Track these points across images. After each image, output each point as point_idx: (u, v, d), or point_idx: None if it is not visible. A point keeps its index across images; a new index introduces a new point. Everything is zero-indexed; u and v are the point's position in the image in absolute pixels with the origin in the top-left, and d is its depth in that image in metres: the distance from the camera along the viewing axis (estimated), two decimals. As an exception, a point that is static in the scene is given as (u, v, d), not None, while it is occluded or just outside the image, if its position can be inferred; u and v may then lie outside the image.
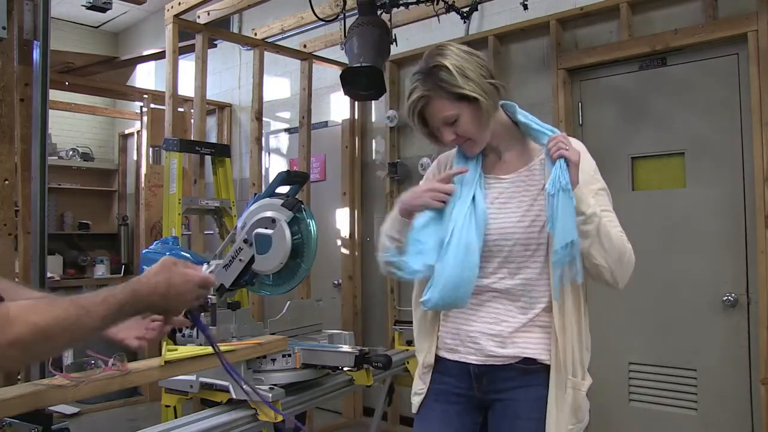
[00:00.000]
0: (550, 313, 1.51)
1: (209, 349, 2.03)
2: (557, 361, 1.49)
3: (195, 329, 2.38)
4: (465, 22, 3.78)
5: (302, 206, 2.38)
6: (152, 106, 5.34)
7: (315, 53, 4.45)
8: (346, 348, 2.52)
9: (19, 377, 2.26)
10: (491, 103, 1.48)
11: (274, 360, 2.30)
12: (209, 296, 2.37)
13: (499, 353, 1.52)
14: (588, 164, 1.56)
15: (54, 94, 4.54)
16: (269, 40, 4.30)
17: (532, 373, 1.50)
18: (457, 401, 1.59)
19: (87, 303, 0.96)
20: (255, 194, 2.56)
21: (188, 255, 2.59)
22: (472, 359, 1.56)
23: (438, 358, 1.64)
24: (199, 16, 3.84)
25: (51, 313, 0.92)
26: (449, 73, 1.44)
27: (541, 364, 1.50)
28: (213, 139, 5.50)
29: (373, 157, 4.48)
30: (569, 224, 1.39)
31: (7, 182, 2.00)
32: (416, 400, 1.67)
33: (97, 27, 6.94)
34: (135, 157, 6.18)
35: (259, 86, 4.08)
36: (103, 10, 4.08)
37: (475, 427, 1.58)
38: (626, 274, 1.56)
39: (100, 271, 5.88)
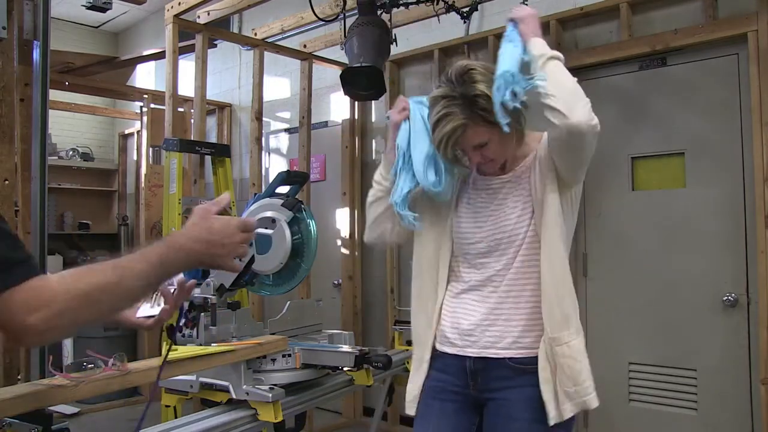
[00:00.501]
0: (538, 298, 1.53)
1: (209, 349, 2.04)
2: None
3: (195, 329, 2.38)
4: (465, 22, 3.78)
5: (302, 206, 2.38)
6: (152, 106, 5.34)
7: (315, 53, 4.45)
8: (346, 348, 2.52)
9: (19, 377, 2.26)
10: (519, 127, 1.54)
11: (274, 360, 2.30)
12: (209, 296, 2.37)
13: (493, 344, 1.55)
14: None
15: (54, 94, 4.54)
16: (269, 40, 4.30)
17: (526, 374, 1.51)
18: (454, 399, 1.61)
19: (126, 263, 0.95)
20: (255, 194, 2.56)
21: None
22: (470, 352, 1.57)
23: (436, 354, 1.65)
24: (199, 16, 3.84)
25: (92, 278, 0.92)
26: (488, 100, 1.46)
27: (535, 358, 1.51)
28: (213, 139, 5.50)
29: (373, 157, 4.48)
30: (509, 61, 1.47)
31: (7, 182, 2.00)
32: (411, 398, 1.69)
33: (97, 27, 6.94)
34: (135, 157, 6.18)
35: (259, 86, 4.08)
36: (103, 10, 4.09)
37: (472, 427, 1.59)
38: (581, 109, 1.56)
39: (100, 271, 5.87)
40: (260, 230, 2.33)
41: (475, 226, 1.63)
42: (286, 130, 5.09)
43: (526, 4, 3.17)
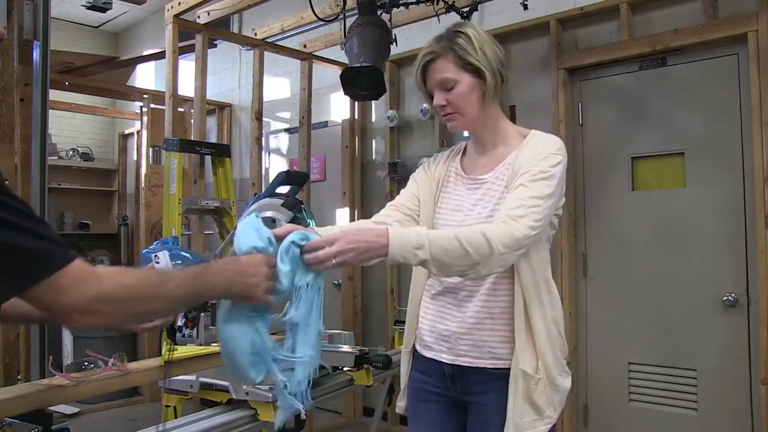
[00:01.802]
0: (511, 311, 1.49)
1: (209, 349, 2.04)
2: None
3: (195, 329, 2.38)
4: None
5: (302, 206, 2.38)
6: (152, 106, 5.34)
7: (315, 53, 4.45)
8: (346, 348, 2.52)
9: (19, 377, 2.26)
10: (493, 85, 1.49)
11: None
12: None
13: (468, 353, 1.52)
14: (535, 150, 1.49)
15: (54, 94, 4.53)
16: (269, 40, 4.30)
17: (503, 378, 1.48)
18: (438, 400, 1.60)
19: (167, 270, 1.03)
20: (255, 194, 2.56)
21: (188, 255, 2.59)
22: (445, 358, 1.56)
23: (416, 355, 1.66)
24: (199, 16, 3.84)
25: (136, 275, 0.97)
26: (468, 40, 1.47)
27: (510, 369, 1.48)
28: (213, 139, 5.50)
29: (373, 157, 4.48)
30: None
31: (7, 182, 2.00)
32: (401, 403, 1.70)
33: (97, 27, 6.94)
34: (135, 157, 6.18)
35: (259, 86, 4.08)
36: (103, 10, 4.08)
37: (462, 425, 1.58)
38: (495, 263, 1.36)
39: (100, 271, 5.87)
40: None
41: (446, 221, 1.60)
42: (286, 130, 5.09)
43: (527, 5, 3.20)
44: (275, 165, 5.14)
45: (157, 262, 1.21)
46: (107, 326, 0.95)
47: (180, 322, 2.44)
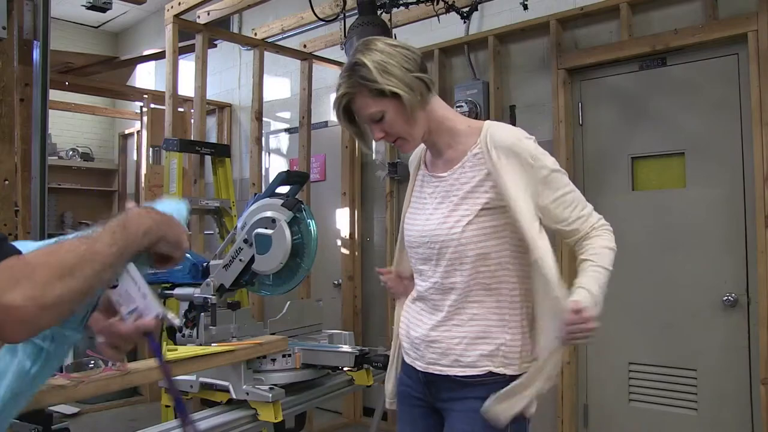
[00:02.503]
0: (479, 316, 1.47)
1: (209, 349, 2.04)
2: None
3: (195, 329, 2.38)
4: (465, 22, 3.78)
5: (302, 206, 2.38)
6: (152, 106, 5.34)
7: (315, 53, 4.45)
8: (346, 348, 2.52)
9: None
10: (416, 98, 1.43)
11: (274, 360, 2.30)
12: (209, 296, 2.37)
13: (437, 361, 1.50)
14: (526, 152, 1.44)
15: (54, 94, 4.53)
16: (269, 40, 4.30)
17: (469, 386, 1.46)
18: (419, 404, 1.60)
19: (89, 233, 0.90)
20: (255, 194, 2.56)
21: (188, 255, 2.59)
22: (419, 365, 1.55)
23: (401, 358, 1.67)
24: (199, 16, 3.84)
25: (63, 248, 0.86)
26: (368, 70, 1.41)
27: (478, 376, 1.45)
28: (213, 139, 5.50)
29: (373, 157, 4.48)
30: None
31: (7, 182, 2.00)
32: (387, 394, 1.73)
33: (97, 27, 6.94)
34: (135, 157, 6.18)
35: (259, 86, 4.08)
36: (103, 10, 4.07)
37: (441, 428, 1.57)
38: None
39: (100, 271, 5.87)
40: (260, 230, 2.34)
41: (414, 229, 1.56)
42: (286, 130, 5.09)
43: (527, 5, 3.20)
44: (275, 165, 5.14)
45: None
46: (57, 319, 0.86)
47: (180, 323, 2.44)
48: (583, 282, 1.44)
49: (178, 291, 2.43)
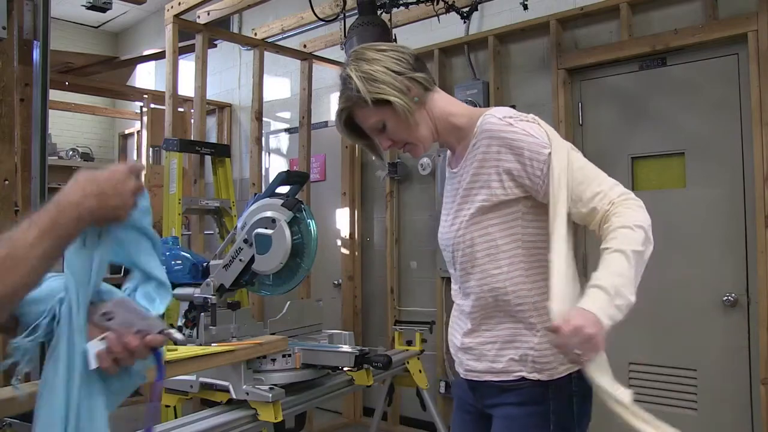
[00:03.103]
0: (506, 319, 1.41)
1: (209, 349, 2.04)
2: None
3: (195, 329, 2.38)
4: (465, 22, 3.78)
5: (302, 206, 2.38)
6: (152, 106, 5.34)
7: (315, 53, 4.45)
8: (346, 348, 2.52)
9: (19, 377, 2.25)
10: (410, 100, 1.38)
11: (274, 360, 2.30)
12: (209, 296, 2.37)
13: (474, 368, 1.46)
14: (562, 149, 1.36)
15: (54, 94, 4.53)
16: (269, 40, 4.30)
17: (507, 391, 1.41)
18: (469, 410, 1.56)
19: (16, 234, 0.85)
20: (255, 194, 2.56)
21: (188, 255, 2.59)
22: (461, 372, 1.52)
23: None
24: (199, 16, 3.84)
25: None
26: (355, 82, 1.37)
27: (512, 381, 1.40)
28: (213, 139, 5.50)
29: (373, 157, 4.48)
30: None
31: (7, 182, 2.00)
32: None
33: (97, 27, 6.94)
34: (135, 157, 6.18)
35: (259, 86, 4.08)
36: (103, 10, 4.07)
37: None
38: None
39: (100, 271, 5.87)
40: (260, 230, 2.34)
41: (441, 230, 1.52)
42: (286, 130, 5.09)
43: (527, 5, 3.20)
44: (275, 165, 5.14)
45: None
46: None
47: (180, 322, 2.44)
48: (596, 279, 1.26)
49: (178, 291, 2.43)
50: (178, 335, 1.00)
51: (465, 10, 3.37)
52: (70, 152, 6.40)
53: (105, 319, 0.96)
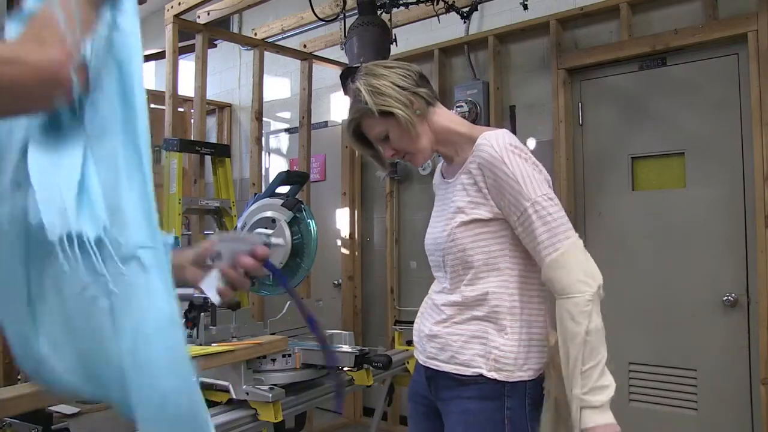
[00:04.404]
0: (480, 318, 1.48)
1: (209, 349, 2.04)
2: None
3: (195, 329, 2.38)
4: (465, 22, 3.78)
5: (302, 206, 2.38)
6: (152, 106, 5.33)
7: (315, 53, 4.45)
8: (346, 348, 2.52)
9: (19, 377, 2.26)
10: (412, 113, 1.49)
11: (274, 360, 2.30)
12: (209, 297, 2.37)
13: (436, 356, 1.52)
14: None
15: (54, 94, 4.53)
16: (269, 40, 4.30)
17: (465, 385, 1.46)
18: (423, 402, 1.61)
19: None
20: (255, 194, 2.56)
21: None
22: (421, 360, 1.58)
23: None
24: (199, 16, 3.84)
25: None
26: (363, 95, 1.51)
27: (470, 376, 1.45)
28: (213, 139, 5.49)
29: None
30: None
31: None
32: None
33: (97, 27, 6.94)
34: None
35: (259, 86, 4.08)
36: (103, 10, 4.07)
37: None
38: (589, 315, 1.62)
39: (100, 271, 5.86)
40: (260, 230, 2.34)
41: (426, 237, 1.64)
42: (286, 130, 5.09)
43: (527, 5, 3.20)
44: (275, 165, 5.14)
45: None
46: None
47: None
48: (573, 396, 1.38)
49: (178, 291, 2.42)
50: (279, 239, 1.08)
51: (465, 10, 3.37)
52: (70, 152, 6.40)
53: (215, 260, 1.04)
